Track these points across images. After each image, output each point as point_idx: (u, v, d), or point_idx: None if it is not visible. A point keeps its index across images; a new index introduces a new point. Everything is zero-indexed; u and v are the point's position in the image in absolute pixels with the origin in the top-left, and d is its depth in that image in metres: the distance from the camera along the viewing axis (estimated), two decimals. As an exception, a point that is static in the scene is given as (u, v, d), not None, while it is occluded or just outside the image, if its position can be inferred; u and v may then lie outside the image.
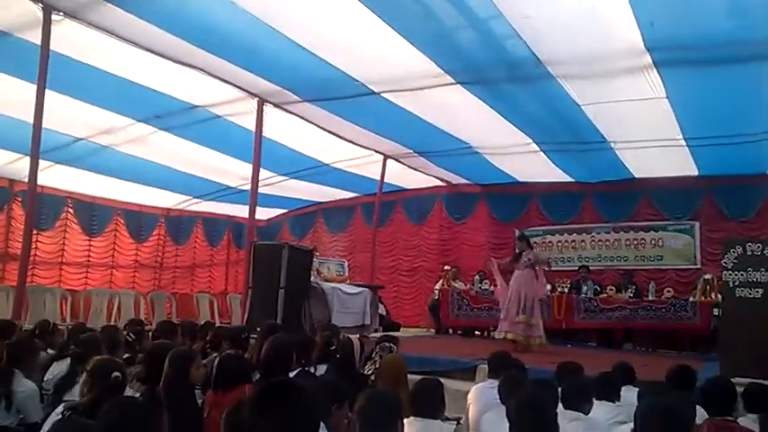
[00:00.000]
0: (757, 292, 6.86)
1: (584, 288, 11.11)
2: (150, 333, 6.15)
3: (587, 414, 3.79)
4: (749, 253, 7.02)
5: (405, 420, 3.53)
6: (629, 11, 5.70)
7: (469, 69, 7.36)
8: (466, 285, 11.88)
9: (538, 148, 10.30)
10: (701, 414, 3.57)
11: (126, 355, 4.87)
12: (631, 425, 3.39)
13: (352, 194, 14.58)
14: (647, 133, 9.14)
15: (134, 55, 7.11)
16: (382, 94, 8.17)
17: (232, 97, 8.54)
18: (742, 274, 6.98)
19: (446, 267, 12.49)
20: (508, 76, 7.45)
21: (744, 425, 3.57)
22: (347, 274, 11.28)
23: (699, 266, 11.27)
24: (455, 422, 4.76)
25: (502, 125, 9.13)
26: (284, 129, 9.52)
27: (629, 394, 4.05)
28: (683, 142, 9.37)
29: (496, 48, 6.74)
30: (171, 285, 14.82)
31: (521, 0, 5.79)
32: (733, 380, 4.03)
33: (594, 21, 6.04)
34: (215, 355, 5.04)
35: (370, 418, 2.91)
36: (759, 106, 7.74)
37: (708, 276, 10.19)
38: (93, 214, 13.39)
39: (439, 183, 13.78)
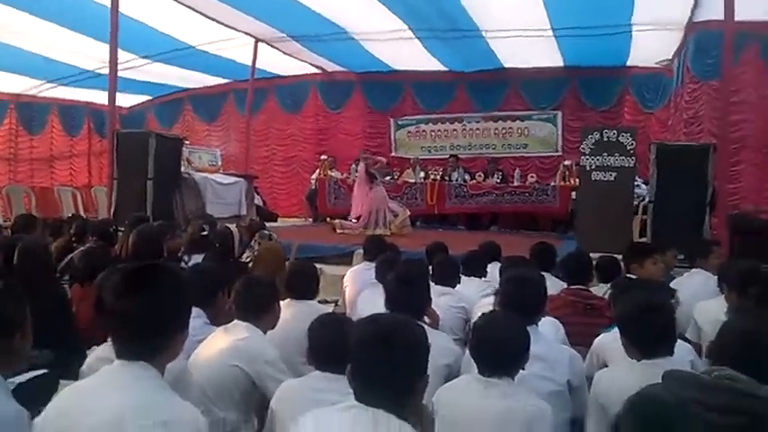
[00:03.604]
0: (611, 175, 7.47)
1: (455, 175, 11.55)
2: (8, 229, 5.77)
3: (455, 288, 4.04)
4: (605, 139, 7.57)
5: (282, 303, 3.59)
6: None
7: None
8: (342, 174, 11.96)
9: (413, 35, 10.21)
10: (559, 286, 3.90)
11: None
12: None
13: (222, 80, 13.87)
14: (518, 23, 9.27)
15: None
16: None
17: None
18: (598, 159, 7.55)
19: (323, 157, 12.48)
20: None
21: (596, 293, 3.95)
22: (220, 164, 10.98)
23: (560, 153, 11.94)
24: (333, 304, 4.93)
25: (378, 10, 8.93)
26: (145, 4, 8.77)
27: (496, 270, 4.33)
28: (551, 32, 9.63)
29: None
30: (29, 179, 13.78)
31: None
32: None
33: None
34: (81, 248, 4.82)
35: (248, 302, 2.93)
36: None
37: (567, 162, 10.93)
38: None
39: (314, 69, 13.41)
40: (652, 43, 9.86)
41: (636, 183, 8.31)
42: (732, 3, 6.37)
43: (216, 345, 2.78)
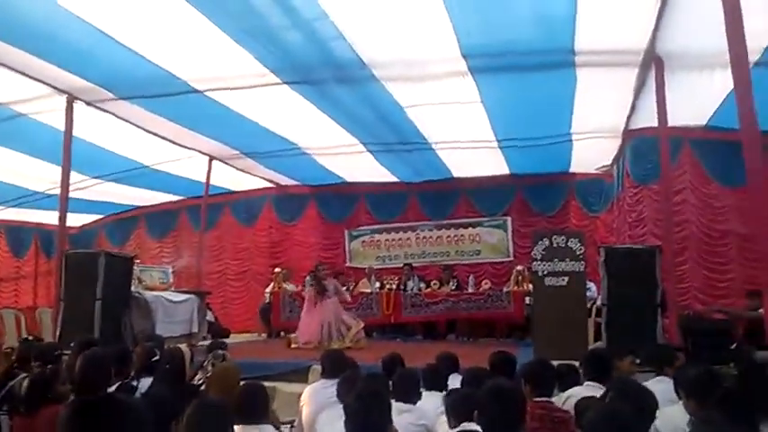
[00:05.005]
0: (563, 279, 7.59)
1: (411, 284, 11.58)
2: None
3: (415, 404, 3.95)
4: (555, 245, 7.75)
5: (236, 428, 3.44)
6: (447, 20, 6.01)
7: (296, 69, 7.30)
8: (297, 287, 11.85)
9: (364, 149, 10.50)
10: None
11: None
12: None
13: (176, 197, 13.90)
14: (465, 135, 9.67)
15: None
16: (206, 93, 7.86)
17: (37, 94, 7.75)
18: (549, 265, 7.69)
19: (277, 269, 12.39)
20: (334, 76, 7.49)
21: (557, 403, 3.91)
22: (172, 280, 10.79)
23: (512, 259, 12.17)
24: (288, 425, 4.73)
25: (329, 126, 9.20)
26: (98, 128, 8.85)
27: (456, 382, 4.27)
28: (496, 144, 10.05)
29: (322, 48, 6.76)
30: (-30, 301, 13.24)
31: (345, 3, 5.88)
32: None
33: (415, 27, 6.29)
34: (23, 375, 4.58)
35: (200, 428, 2.79)
36: (563, 110, 8.47)
37: (519, 268, 11.10)
38: None
39: (268, 184, 13.60)
40: (591, 151, 10.33)
41: (587, 286, 8.47)
42: (665, 111, 6.76)
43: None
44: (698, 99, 7.60)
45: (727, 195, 9.33)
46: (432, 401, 4.15)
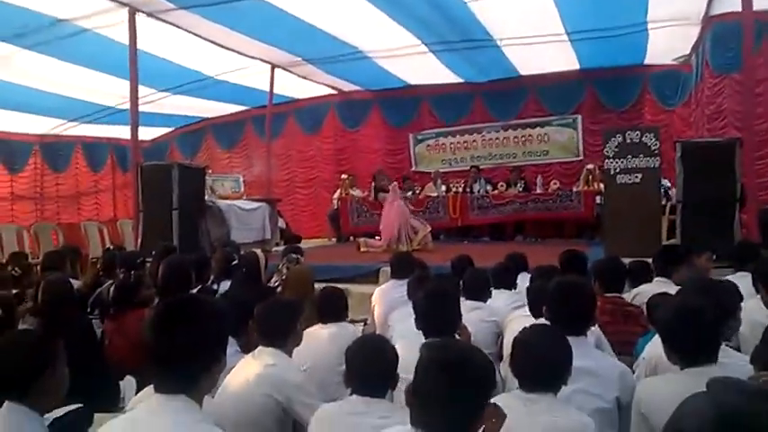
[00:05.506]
0: (636, 177, 7.35)
1: (477, 186, 11.49)
2: (38, 266, 5.85)
3: (486, 303, 4.01)
4: (628, 141, 7.45)
5: (313, 327, 3.60)
6: None
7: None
8: (364, 192, 11.97)
9: (427, 49, 10.21)
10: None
11: (15, 291, 4.63)
12: (527, 308, 3.62)
13: (241, 108, 14.04)
14: (531, 29, 9.21)
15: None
16: (264, -1, 7.75)
17: (100, 8, 7.81)
18: (622, 162, 7.44)
19: (343, 176, 12.50)
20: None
21: (627, 299, 3.89)
22: (243, 189, 11.06)
23: (582, 158, 11.85)
24: (362, 323, 4.91)
25: (390, 26, 8.94)
26: (161, 40, 8.89)
27: (525, 281, 4.29)
28: (565, 37, 9.57)
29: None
30: (55, 216, 13.99)
31: None
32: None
33: None
34: (110, 282, 4.87)
35: (268, 327, 2.91)
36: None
37: (590, 166, 10.81)
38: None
39: (330, 91, 13.50)
40: (669, 40, 9.74)
41: (662, 183, 8.20)
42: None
43: (243, 374, 2.77)
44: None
45: (815, 83, 8.71)
46: (501, 299, 4.21)
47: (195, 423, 1.67)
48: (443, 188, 11.82)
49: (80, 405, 2.60)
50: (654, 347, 2.79)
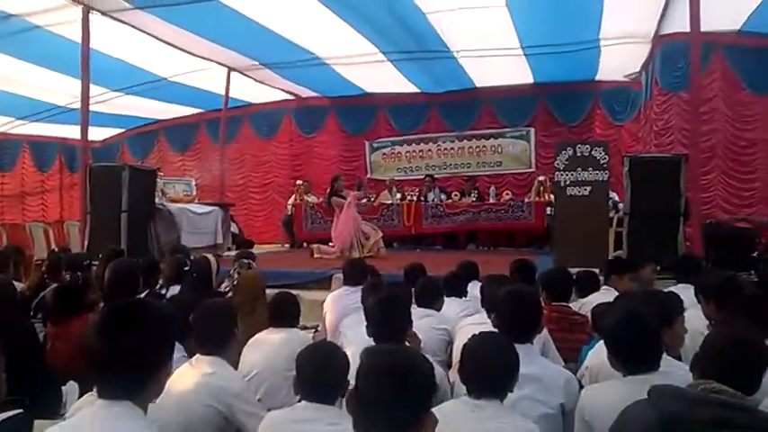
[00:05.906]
0: (585, 189, 7.54)
1: (431, 195, 11.59)
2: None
3: (439, 311, 4.04)
4: (578, 154, 7.65)
5: (263, 332, 3.58)
6: None
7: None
8: (318, 199, 11.92)
9: (384, 58, 10.27)
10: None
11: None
12: (477, 316, 3.68)
13: (195, 110, 13.84)
14: (487, 42, 9.37)
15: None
16: (222, 1, 7.66)
17: (53, 5, 7.62)
18: (572, 174, 7.63)
19: (298, 182, 12.45)
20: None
21: (574, 308, 3.97)
22: (195, 193, 10.90)
23: (534, 170, 12.07)
24: (313, 330, 4.89)
25: (348, 34, 8.96)
26: (115, 40, 8.73)
27: (476, 290, 4.34)
28: (520, 51, 9.75)
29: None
30: (-1, 216, 13.58)
31: None
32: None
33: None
34: (54, 284, 4.73)
35: (205, 333, 2.84)
36: (592, 13, 8.15)
37: (541, 178, 11.03)
38: None
39: (287, 96, 13.45)
40: (620, 57, 10.04)
41: (609, 196, 8.42)
42: (698, 14, 6.51)
43: (183, 381, 2.68)
44: (731, 3, 7.25)
45: (758, 103, 9.12)
46: (452, 307, 4.25)
47: (139, 430, 1.64)
48: (398, 196, 11.89)
49: (19, 411, 2.51)
50: (596, 356, 2.87)
